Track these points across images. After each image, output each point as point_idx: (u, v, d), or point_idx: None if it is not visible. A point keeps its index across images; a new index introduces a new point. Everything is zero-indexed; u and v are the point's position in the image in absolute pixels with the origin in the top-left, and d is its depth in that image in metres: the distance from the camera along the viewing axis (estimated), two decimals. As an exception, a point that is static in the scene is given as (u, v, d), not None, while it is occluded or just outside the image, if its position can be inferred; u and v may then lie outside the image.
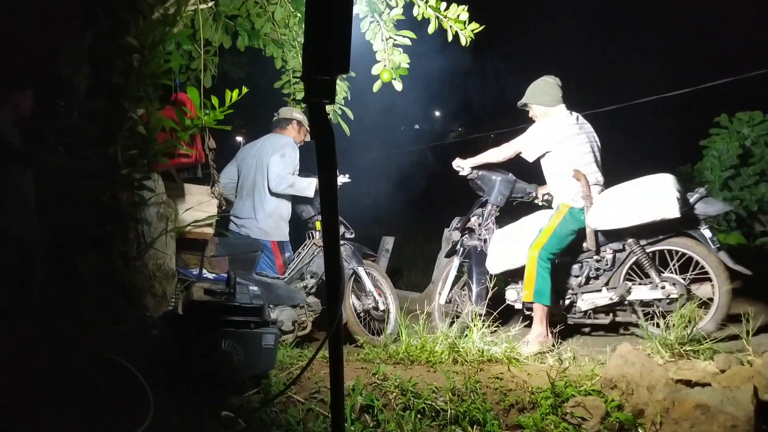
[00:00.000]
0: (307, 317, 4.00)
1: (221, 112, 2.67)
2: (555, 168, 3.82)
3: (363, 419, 2.23)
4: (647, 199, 3.43)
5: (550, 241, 3.63)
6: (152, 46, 2.34)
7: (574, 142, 3.75)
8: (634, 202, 3.46)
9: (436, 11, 3.66)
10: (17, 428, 1.75)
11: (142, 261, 2.52)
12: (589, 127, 3.91)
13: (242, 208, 4.31)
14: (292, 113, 4.54)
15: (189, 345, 2.14)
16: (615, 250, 3.69)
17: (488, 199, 4.22)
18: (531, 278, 3.59)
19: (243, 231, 4.24)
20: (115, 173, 2.38)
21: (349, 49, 1.51)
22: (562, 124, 3.80)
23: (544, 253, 3.60)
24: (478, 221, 4.24)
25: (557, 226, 3.65)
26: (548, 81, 3.97)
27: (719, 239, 3.39)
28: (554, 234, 3.65)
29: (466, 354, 2.71)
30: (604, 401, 2.36)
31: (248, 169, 4.39)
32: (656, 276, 3.51)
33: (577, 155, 3.75)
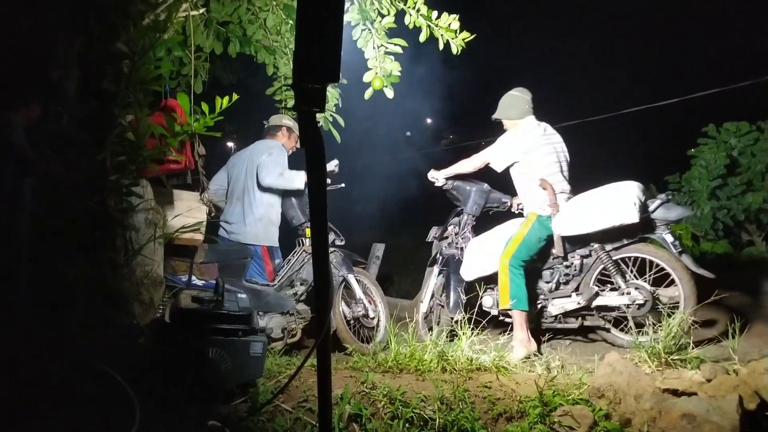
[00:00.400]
0: (296, 324, 3.98)
1: (211, 118, 2.66)
2: (522, 178, 3.94)
3: (351, 428, 2.22)
4: (608, 206, 3.52)
5: (519, 249, 3.74)
6: (142, 52, 2.34)
7: (540, 153, 3.87)
8: (596, 208, 3.57)
9: (427, 20, 3.68)
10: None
11: (130, 268, 2.51)
12: (557, 138, 4.01)
13: (232, 213, 4.30)
14: (282, 120, 4.55)
15: (176, 353, 2.12)
16: (582, 256, 3.79)
17: (464, 209, 4.35)
18: (505, 286, 3.70)
19: (233, 236, 4.22)
20: (103, 179, 2.37)
21: (339, 59, 1.52)
22: (529, 135, 3.92)
23: (514, 261, 3.72)
24: (455, 230, 4.35)
25: (526, 235, 3.77)
26: (515, 95, 4.09)
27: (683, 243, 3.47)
28: (523, 242, 3.76)
29: (455, 362, 2.71)
30: (591, 410, 2.36)
31: (238, 174, 4.38)
32: (622, 282, 3.59)
33: (543, 165, 3.86)
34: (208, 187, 3.17)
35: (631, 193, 3.47)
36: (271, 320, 3.86)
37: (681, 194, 6.78)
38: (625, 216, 3.44)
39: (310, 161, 1.53)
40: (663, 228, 3.50)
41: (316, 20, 1.50)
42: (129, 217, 2.50)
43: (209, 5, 3.78)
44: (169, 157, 2.77)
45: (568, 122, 9.10)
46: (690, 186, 6.70)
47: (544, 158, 3.86)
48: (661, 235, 3.49)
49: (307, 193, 3.97)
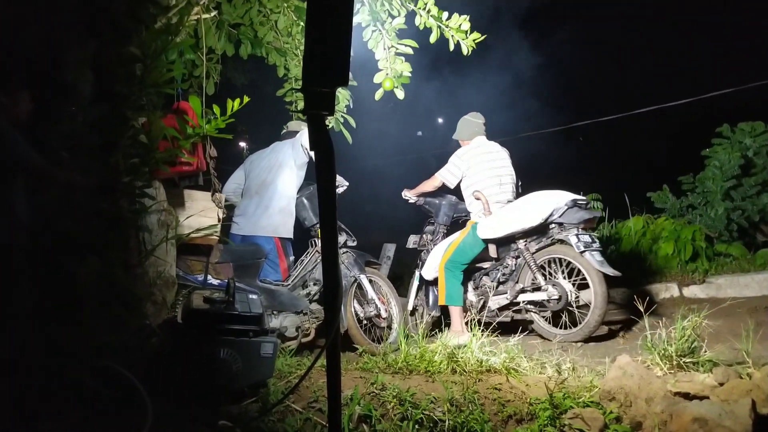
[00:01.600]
0: (310, 324, 3.99)
1: (223, 120, 2.68)
2: (467, 191, 4.50)
3: (361, 429, 2.23)
4: (516, 212, 4.09)
5: (455, 253, 4.31)
6: (155, 55, 2.37)
7: (481, 168, 4.42)
8: (508, 215, 4.13)
9: (437, 21, 3.69)
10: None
11: (143, 268, 2.54)
12: (501, 155, 4.54)
13: (248, 207, 4.31)
14: (300, 126, 4.58)
15: (187, 353, 2.14)
16: (514, 258, 4.28)
17: (436, 220, 4.89)
18: (442, 286, 4.28)
19: (247, 230, 4.23)
20: (116, 181, 2.39)
21: (349, 62, 1.53)
22: (471, 154, 4.49)
23: (450, 264, 4.28)
24: (429, 238, 4.87)
25: (461, 241, 4.33)
26: (467, 119, 4.69)
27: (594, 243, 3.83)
28: (459, 247, 4.31)
29: (465, 364, 2.71)
30: (602, 413, 2.35)
31: (259, 171, 4.40)
32: (542, 280, 4.04)
33: (481, 179, 4.40)
34: (222, 188, 3.19)
35: (540, 200, 4.02)
36: (285, 319, 3.88)
37: (694, 195, 6.71)
38: (529, 221, 4.00)
39: (320, 164, 1.54)
40: (573, 229, 3.89)
41: (326, 25, 1.51)
42: (142, 219, 2.52)
43: (221, 8, 3.80)
44: (181, 159, 2.79)
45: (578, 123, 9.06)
46: (704, 186, 6.63)
47: (483, 173, 4.41)
48: (568, 236, 3.87)
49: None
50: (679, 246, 5.90)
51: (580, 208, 3.97)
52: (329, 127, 3.88)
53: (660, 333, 3.01)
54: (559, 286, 3.93)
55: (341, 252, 4.25)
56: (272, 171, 4.35)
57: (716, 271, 5.41)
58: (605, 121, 8.18)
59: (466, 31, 3.66)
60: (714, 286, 5.09)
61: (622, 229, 6.41)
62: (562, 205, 3.93)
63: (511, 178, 4.47)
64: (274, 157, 4.43)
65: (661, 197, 6.99)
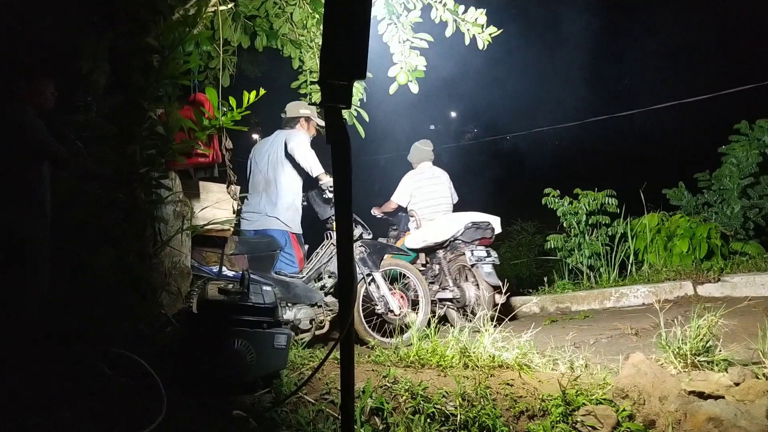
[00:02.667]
0: (324, 316, 4.00)
1: (239, 113, 2.68)
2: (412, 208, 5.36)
3: (372, 422, 2.23)
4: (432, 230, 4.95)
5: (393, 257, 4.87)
6: (172, 47, 2.37)
7: (421, 191, 5.35)
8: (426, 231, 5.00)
9: (454, 14, 3.66)
10: (33, 423, 1.79)
11: (158, 258, 2.56)
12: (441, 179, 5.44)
13: (257, 204, 4.31)
14: (299, 110, 4.50)
15: (202, 343, 2.16)
16: (436, 264, 5.07)
17: (398, 228, 5.72)
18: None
19: (257, 225, 4.24)
20: (133, 171, 2.41)
21: (366, 56, 1.52)
22: (416, 178, 5.41)
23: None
24: (393, 242, 5.56)
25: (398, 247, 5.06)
26: (417, 145, 5.60)
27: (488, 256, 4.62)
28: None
29: (477, 359, 2.70)
30: (615, 411, 2.34)
31: (262, 165, 4.38)
32: (451, 282, 4.85)
33: (420, 200, 5.32)
34: (235, 180, 3.20)
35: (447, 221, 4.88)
36: (299, 312, 3.89)
37: (711, 192, 6.63)
38: (439, 237, 4.87)
39: (336, 158, 1.54)
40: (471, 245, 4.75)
41: (344, 18, 1.50)
42: (158, 209, 2.54)
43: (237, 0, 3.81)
44: (197, 151, 2.80)
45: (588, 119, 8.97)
46: (720, 184, 6.55)
47: (422, 195, 5.34)
48: (464, 251, 4.70)
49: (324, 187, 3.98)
50: (694, 244, 5.84)
51: (478, 228, 4.83)
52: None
53: (675, 331, 2.99)
54: (461, 288, 4.77)
55: (356, 246, 4.24)
56: (276, 168, 4.32)
57: (732, 270, 5.34)
58: (621, 117, 8.08)
59: (482, 25, 3.63)
60: (729, 284, 5.03)
61: (637, 226, 6.35)
62: (461, 226, 4.78)
63: (445, 199, 5.38)
64: (273, 151, 4.39)
65: (677, 194, 6.91)
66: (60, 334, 2.19)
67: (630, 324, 4.21)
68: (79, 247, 2.36)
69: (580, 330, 4.24)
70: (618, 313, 5.01)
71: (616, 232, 6.38)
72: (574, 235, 6.57)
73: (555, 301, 5.62)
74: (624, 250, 6.29)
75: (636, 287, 5.36)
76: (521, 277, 8.65)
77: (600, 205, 6.47)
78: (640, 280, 5.69)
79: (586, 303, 5.45)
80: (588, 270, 6.37)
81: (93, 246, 2.32)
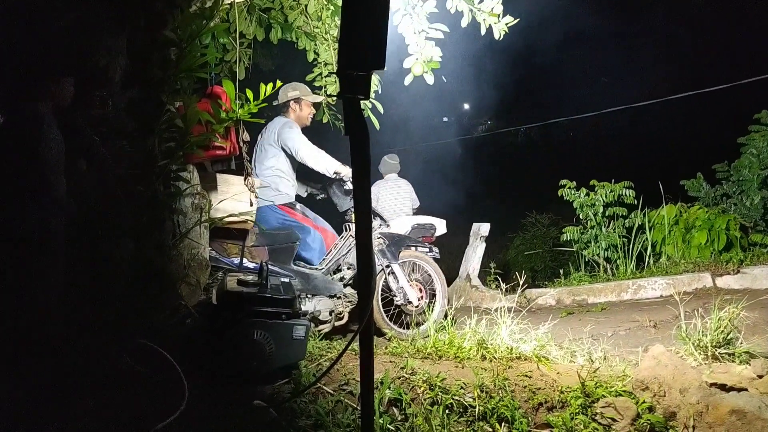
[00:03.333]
0: (343, 308, 4.02)
1: (255, 105, 2.69)
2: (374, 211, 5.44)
3: (391, 412, 2.24)
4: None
5: None
6: (190, 40, 2.38)
7: (385, 197, 6.41)
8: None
9: (469, 4, 3.63)
10: (57, 413, 1.82)
11: (177, 250, 2.58)
12: (404, 189, 6.53)
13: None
14: (287, 94, 4.46)
15: (221, 334, 2.18)
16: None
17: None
18: None
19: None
20: (151, 164, 2.43)
21: (385, 46, 1.51)
22: (381, 187, 6.49)
23: None
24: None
25: None
26: (385, 159, 6.70)
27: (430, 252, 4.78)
28: None
29: (494, 351, 2.70)
30: (635, 402, 2.33)
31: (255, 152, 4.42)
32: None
33: (383, 204, 6.32)
34: (252, 172, 3.21)
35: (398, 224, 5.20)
36: (319, 303, 3.91)
37: (729, 183, 6.53)
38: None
39: (355, 149, 1.54)
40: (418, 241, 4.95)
41: (362, 8, 1.50)
42: (176, 202, 2.56)
43: (251, -9, 3.81)
44: (215, 143, 2.82)
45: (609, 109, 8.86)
46: (739, 175, 6.44)
47: (387, 200, 6.38)
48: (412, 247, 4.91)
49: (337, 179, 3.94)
50: (712, 235, 5.76)
51: (422, 228, 5.29)
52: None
53: (695, 323, 2.96)
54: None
55: (375, 237, 4.24)
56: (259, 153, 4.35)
57: (752, 262, 5.27)
58: (638, 107, 7.97)
59: (498, 15, 3.60)
60: (749, 276, 4.97)
61: (655, 218, 6.28)
62: (408, 227, 5.19)
63: (404, 204, 6.41)
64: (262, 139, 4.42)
65: (695, 185, 6.81)
66: (82, 324, 2.21)
67: (648, 316, 4.18)
68: (100, 239, 2.38)
69: (597, 322, 4.21)
70: (636, 305, 4.97)
71: (634, 223, 6.32)
72: (591, 227, 6.51)
73: (571, 294, 5.59)
74: (641, 242, 6.23)
75: (654, 279, 5.31)
76: (536, 269, 8.61)
77: (617, 196, 6.41)
78: (658, 272, 5.64)
79: (603, 295, 5.41)
80: (605, 262, 6.32)
81: (113, 238, 2.34)
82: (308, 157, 4.17)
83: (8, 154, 2.33)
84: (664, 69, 12.18)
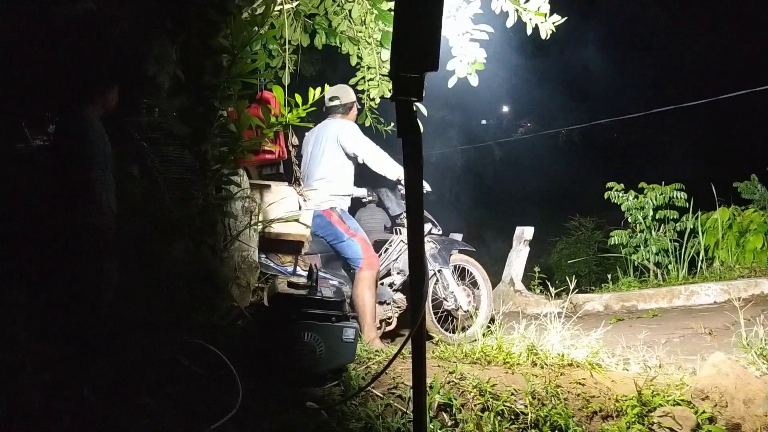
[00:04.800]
0: (393, 313, 3.99)
1: (303, 109, 2.72)
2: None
3: (440, 418, 2.22)
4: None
5: None
6: (241, 47, 2.42)
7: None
8: None
9: (515, 4, 3.58)
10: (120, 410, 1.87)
11: (229, 253, 2.63)
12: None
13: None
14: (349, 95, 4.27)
15: (273, 335, 2.21)
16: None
17: None
18: None
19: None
20: (205, 168, 2.49)
21: (439, 47, 1.50)
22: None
23: None
24: None
25: None
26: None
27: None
28: None
29: (545, 357, 2.64)
30: (694, 412, 2.25)
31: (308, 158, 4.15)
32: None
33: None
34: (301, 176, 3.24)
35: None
36: None
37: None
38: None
39: (408, 151, 1.53)
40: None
41: (416, 8, 1.49)
42: (227, 205, 2.61)
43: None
44: (264, 148, 2.86)
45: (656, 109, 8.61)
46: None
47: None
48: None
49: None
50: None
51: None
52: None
53: (756, 330, 2.84)
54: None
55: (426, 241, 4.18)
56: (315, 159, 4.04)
57: (812, 267, 5.03)
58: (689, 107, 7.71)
59: (545, 14, 3.54)
60: (811, 283, 4.74)
61: (707, 222, 6.06)
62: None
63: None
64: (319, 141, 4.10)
65: (749, 188, 6.55)
66: (139, 324, 2.28)
67: (703, 323, 4.03)
68: (155, 242, 2.45)
69: (649, 329, 4.08)
70: (688, 311, 4.80)
71: (685, 227, 6.11)
72: (640, 230, 6.33)
73: (620, 299, 5.44)
74: (693, 246, 6.02)
75: (707, 285, 5.12)
76: (580, 274, 8.41)
77: (667, 199, 6.21)
78: (712, 277, 5.44)
79: (653, 301, 5.25)
80: (655, 267, 6.13)
81: (169, 241, 2.40)
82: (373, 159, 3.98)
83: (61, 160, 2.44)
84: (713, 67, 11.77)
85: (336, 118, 4.22)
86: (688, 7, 12.53)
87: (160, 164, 2.78)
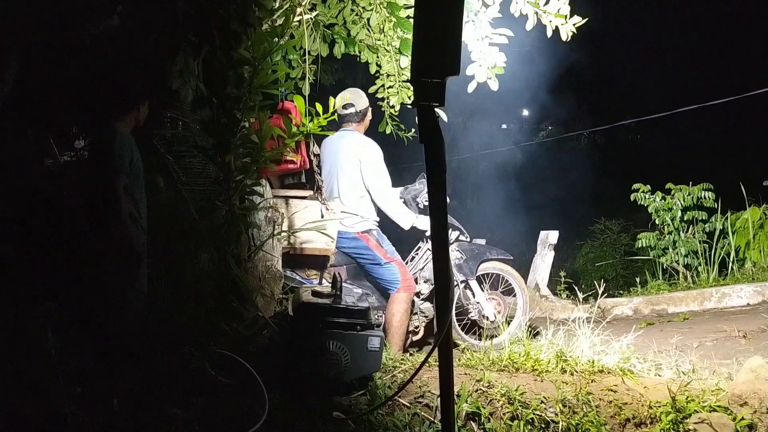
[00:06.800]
0: (419, 322, 3.94)
1: (324, 118, 2.73)
2: None
3: (469, 427, 2.19)
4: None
5: None
6: (262, 58, 2.44)
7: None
8: None
9: (534, 6, 3.55)
10: (149, 420, 1.89)
11: (253, 263, 2.64)
12: None
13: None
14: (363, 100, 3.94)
15: (299, 345, 2.21)
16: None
17: None
18: None
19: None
20: (228, 179, 2.51)
21: (460, 52, 1.49)
22: None
23: None
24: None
25: None
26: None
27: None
28: None
29: (574, 363, 2.59)
30: (732, 419, 2.18)
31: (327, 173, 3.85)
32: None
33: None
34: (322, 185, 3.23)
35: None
36: None
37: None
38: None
39: (430, 157, 1.51)
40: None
41: (437, 14, 1.48)
42: (251, 215, 2.63)
43: (315, 8, 3.88)
44: (286, 158, 2.88)
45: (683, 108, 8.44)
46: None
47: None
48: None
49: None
50: (802, 239, 5.37)
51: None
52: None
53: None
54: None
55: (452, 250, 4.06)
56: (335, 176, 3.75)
57: None
58: (719, 105, 7.54)
59: (565, 16, 3.50)
60: None
61: (737, 222, 5.90)
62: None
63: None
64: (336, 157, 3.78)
65: (781, 186, 6.38)
66: (167, 334, 2.30)
67: (736, 326, 3.93)
68: (181, 253, 2.48)
69: (681, 333, 3.97)
70: (720, 314, 4.67)
71: (714, 228, 5.96)
72: (668, 232, 6.19)
73: (649, 303, 5.32)
74: (723, 248, 5.87)
75: (739, 287, 4.99)
76: (607, 278, 8.26)
77: (696, 199, 6.07)
78: (743, 279, 5.29)
79: (684, 304, 5.12)
80: (684, 269, 5.99)
81: (195, 251, 2.43)
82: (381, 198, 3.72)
83: (94, 173, 2.49)
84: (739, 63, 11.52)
85: (351, 129, 3.88)
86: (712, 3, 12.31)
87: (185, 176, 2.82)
